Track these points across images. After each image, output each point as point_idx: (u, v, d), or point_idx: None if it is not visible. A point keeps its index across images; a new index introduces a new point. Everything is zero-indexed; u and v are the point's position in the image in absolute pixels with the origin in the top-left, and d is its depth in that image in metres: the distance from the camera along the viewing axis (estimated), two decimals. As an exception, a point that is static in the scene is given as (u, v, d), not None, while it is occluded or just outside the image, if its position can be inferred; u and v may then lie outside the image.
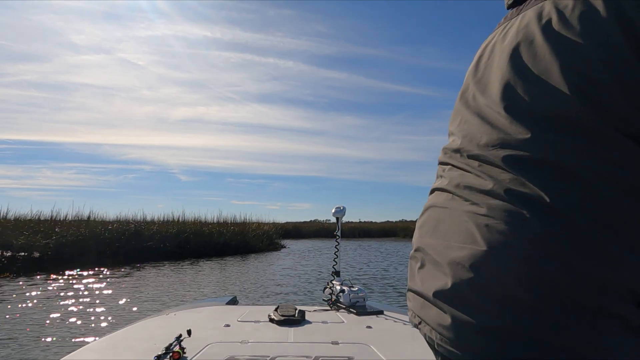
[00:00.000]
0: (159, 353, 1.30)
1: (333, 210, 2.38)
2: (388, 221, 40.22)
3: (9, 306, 5.85)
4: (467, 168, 0.57)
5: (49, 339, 4.20)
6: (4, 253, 10.47)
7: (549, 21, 0.50)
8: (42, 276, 9.19)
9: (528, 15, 0.55)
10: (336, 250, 2.37)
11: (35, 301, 6.18)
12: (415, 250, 0.62)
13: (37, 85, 45.06)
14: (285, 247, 20.18)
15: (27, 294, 6.81)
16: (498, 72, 0.56)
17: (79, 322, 4.93)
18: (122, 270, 10.52)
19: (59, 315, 5.28)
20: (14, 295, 6.71)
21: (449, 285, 0.50)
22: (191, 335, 1.49)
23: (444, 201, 0.59)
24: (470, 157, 0.57)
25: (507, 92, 0.53)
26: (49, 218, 14.24)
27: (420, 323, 0.57)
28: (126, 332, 1.68)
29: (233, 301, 2.45)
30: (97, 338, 1.61)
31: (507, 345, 0.44)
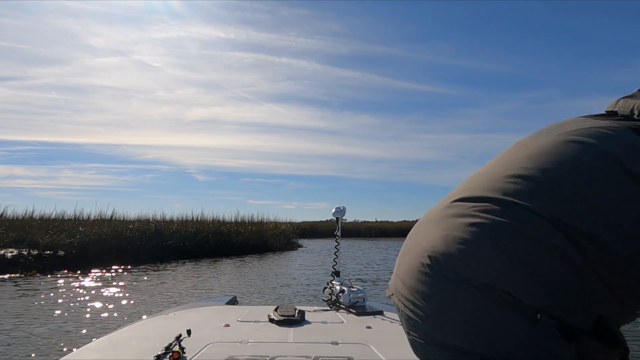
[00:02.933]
0: (159, 353, 1.31)
1: (333, 211, 2.40)
2: (405, 220, 39.49)
3: (34, 302, 6.09)
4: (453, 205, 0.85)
5: (64, 335, 4.34)
6: (31, 251, 10.87)
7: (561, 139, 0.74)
8: (67, 274, 9.51)
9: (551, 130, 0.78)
10: (336, 250, 2.39)
11: (60, 298, 6.40)
12: (402, 249, 0.90)
13: (57, 87, 45.86)
14: (302, 246, 20.26)
15: (53, 291, 7.06)
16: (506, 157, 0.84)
17: (97, 318, 5.08)
18: (143, 268, 10.78)
19: (80, 311, 5.46)
20: (41, 292, 6.97)
21: (405, 260, 0.80)
22: (191, 335, 1.50)
23: (425, 217, 0.87)
24: (461, 199, 0.81)
25: (496, 171, 0.79)
26: (73, 217, 14.70)
27: (392, 295, 0.84)
28: (126, 332, 1.70)
29: (233, 301, 2.47)
30: (98, 337, 1.65)
31: (425, 279, 0.72)
